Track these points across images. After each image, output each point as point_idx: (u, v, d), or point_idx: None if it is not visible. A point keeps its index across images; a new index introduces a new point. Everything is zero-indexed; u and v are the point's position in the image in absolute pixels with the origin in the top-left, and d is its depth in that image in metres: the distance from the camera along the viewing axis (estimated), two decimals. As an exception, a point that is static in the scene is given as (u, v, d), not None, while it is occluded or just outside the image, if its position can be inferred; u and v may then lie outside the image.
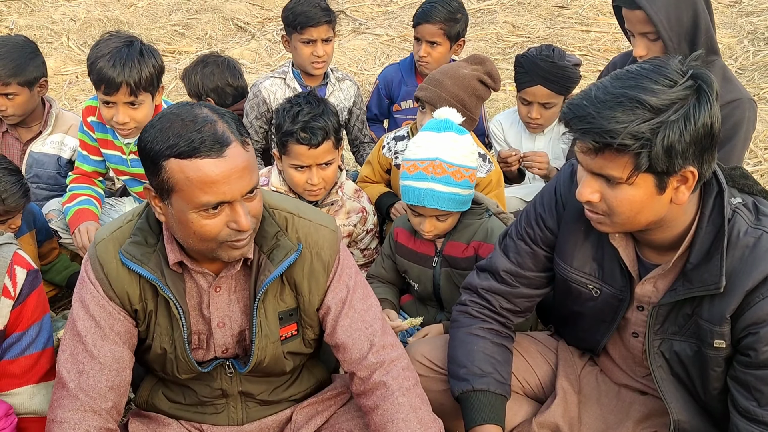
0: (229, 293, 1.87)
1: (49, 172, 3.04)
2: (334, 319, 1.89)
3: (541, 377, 2.11)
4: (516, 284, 2.01)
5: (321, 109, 2.46)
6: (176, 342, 1.86)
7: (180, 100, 3.40)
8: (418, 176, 2.28)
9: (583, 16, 5.93)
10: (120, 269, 1.80)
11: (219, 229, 1.67)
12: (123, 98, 2.57)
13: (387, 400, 1.83)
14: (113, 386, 1.82)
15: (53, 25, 6.01)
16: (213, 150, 1.60)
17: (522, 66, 2.96)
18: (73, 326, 1.84)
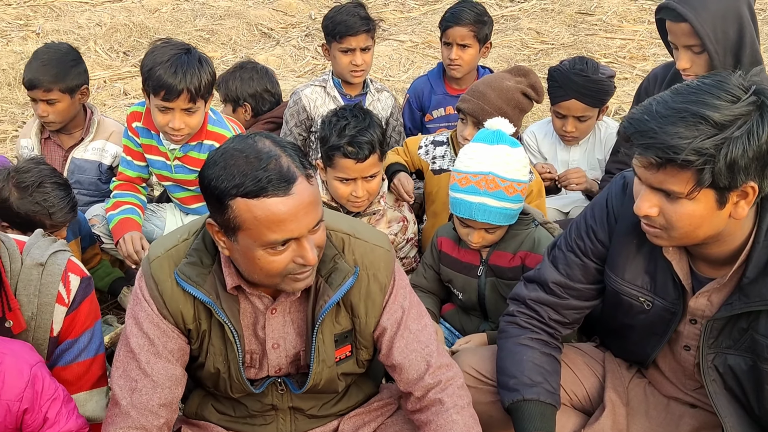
0: (284, 315, 1.87)
1: (90, 178, 3.06)
2: (390, 340, 1.89)
3: (589, 389, 2.11)
4: (565, 296, 2.01)
5: (367, 123, 2.47)
6: (230, 363, 1.86)
7: (220, 108, 3.41)
8: (470, 190, 2.28)
9: (607, 23, 5.93)
10: (175, 289, 1.80)
11: (285, 264, 1.67)
12: (182, 105, 2.58)
13: (441, 416, 1.84)
14: (165, 403, 1.82)
15: (79, 29, 6.05)
16: (280, 188, 1.58)
17: (555, 80, 2.96)
18: (127, 343, 1.84)
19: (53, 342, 1.91)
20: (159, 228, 2.93)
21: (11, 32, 5.98)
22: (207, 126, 2.77)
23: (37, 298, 1.86)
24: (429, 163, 2.94)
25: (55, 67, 2.93)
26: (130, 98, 5.09)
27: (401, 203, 2.78)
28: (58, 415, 1.82)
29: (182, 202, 2.97)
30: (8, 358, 1.77)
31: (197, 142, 2.78)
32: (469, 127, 2.73)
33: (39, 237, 1.95)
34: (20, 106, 5.00)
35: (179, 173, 2.84)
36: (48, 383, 1.81)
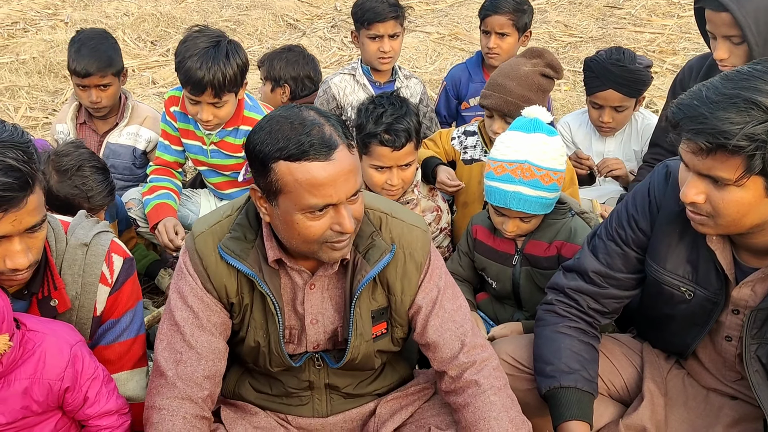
0: (322, 291, 1.89)
1: (125, 163, 3.09)
2: (425, 318, 1.90)
3: (627, 379, 2.10)
4: (605, 285, 2.00)
5: (404, 111, 2.46)
6: (270, 336, 1.89)
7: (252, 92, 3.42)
8: (506, 178, 2.27)
9: (636, 16, 5.88)
10: (219, 263, 1.83)
11: (323, 230, 1.69)
12: (208, 99, 2.62)
13: (479, 398, 1.84)
14: (209, 376, 1.85)
15: (107, 19, 6.10)
16: (321, 153, 1.62)
17: (592, 70, 2.93)
18: (171, 316, 1.87)
19: (96, 321, 1.93)
20: (194, 213, 2.95)
21: (40, 21, 6.04)
22: (243, 111, 2.79)
23: (81, 278, 1.88)
24: (460, 153, 2.93)
25: (105, 53, 2.98)
26: (159, 87, 5.13)
27: (435, 193, 2.78)
28: (98, 395, 1.84)
29: (216, 187, 2.99)
30: (49, 337, 1.80)
31: (233, 128, 2.80)
32: (496, 122, 2.73)
33: (83, 218, 1.97)
34: (50, 94, 5.05)
35: (215, 158, 2.86)
36: (88, 363, 1.84)
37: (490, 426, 1.81)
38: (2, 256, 1.65)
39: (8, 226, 1.61)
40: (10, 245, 1.64)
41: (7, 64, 5.28)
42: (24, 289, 1.83)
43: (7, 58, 5.37)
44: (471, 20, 5.90)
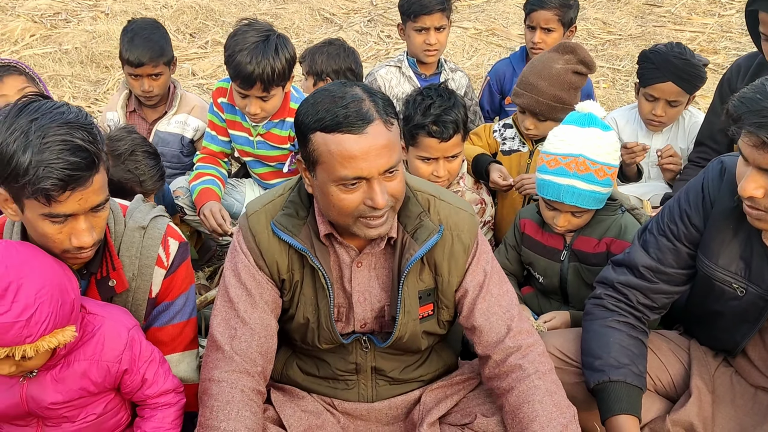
0: (369, 269, 1.92)
1: (173, 151, 3.14)
2: (471, 301, 1.92)
3: (674, 375, 2.09)
4: (655, 280, 2.00)
5: (452, 102, 2.48)
6: (321, 311, 1.92)
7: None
8: (559, 171, 2.26)
9: (675, 15, 5.82)
10: (271, 240, 1.87)
11: (356, 204, 1.72)
12: (256, 93, 2.66)
13: (523, 382, 1.85)
14: (262, 352, 1.89)
15: (146, 11, 6.17)
16: (355, 126, 1.66)
17: (651, 61, 2.91)
18: (225, 293, 1.91)
19: (151, 303, 1.97)
20: (239, 202, 2.99)
21: (81, 12, 6.13)
22: (289, 104, 2.82)
23: (138, 260, 1.92)
24: (500, 144, 2.94)
25: (157, 42, 3.03)
26: (198, 78, 5.19)
27: (480, 185, 2.78)
28: (155, 376, 1.89)
29: (261, 178, 3.03)
30: (107, 321, 1.84)
31: (280, 120, 2.83)
32: (528, 119, 2.73)
33: (140, 202, 2.02)
34: (92, 83, 5.13)
35: (261, 149, 2.90)
36: (145, 346, 1.88)
37: (533, 409, 1.81)
38: (68, 235, 1.70)
39: (75, 205, 1.65)
40: (76, 224, 1.69)
41: (51, 54, 5.37)
42: (83, 268, 1.87)
43: (50, 48, 5.47)
44: (508, 16, 5.88)
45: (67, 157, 1.60)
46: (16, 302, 1.59)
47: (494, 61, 5.36)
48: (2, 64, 2.62)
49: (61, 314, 1.66)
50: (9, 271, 1.61)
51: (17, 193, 1.65)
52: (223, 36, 5.82)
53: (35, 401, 1.80)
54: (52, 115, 1.63)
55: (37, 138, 1.59)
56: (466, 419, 1.98)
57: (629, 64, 5.14)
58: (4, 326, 1.58)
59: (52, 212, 1.64)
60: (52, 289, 1.65)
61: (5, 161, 1.60)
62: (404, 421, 2.06)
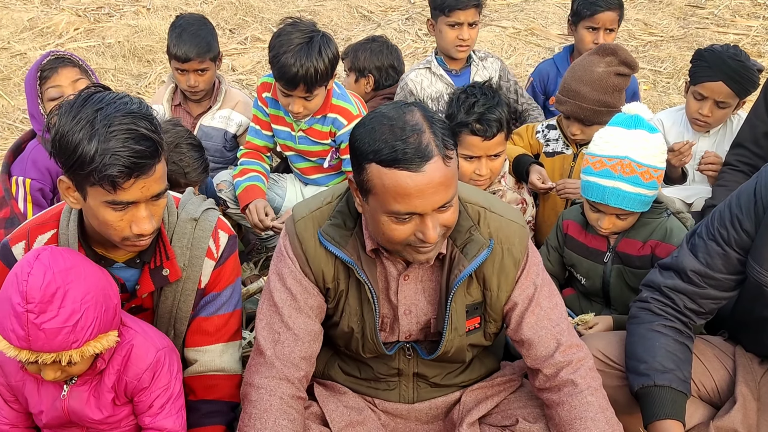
0: (416, 282, 1.91)
1: (216, 145, 3.18)
2: (520, 315, 1.90)
3: (718, 381, 2.07)
4: (703, 285, 1.98)
5: (496, 101, 2.47)
6: (365, 323, 1.91)
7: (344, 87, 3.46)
8: (604, 173, 2.25)
9: (719, 17, 5.72)
10: (317, 248, 1.86)
11: (406, 235, 1.70)
12: (300, 93, 2.68)
13: (575, 397, 1.84)
14: (305, 357, 1.89)
15: (187, 6, 6.24)
16: (413, 163, 1.61)
17: (705, 60, 2.87)
18: (270, 297, 1.92)
19: (199, 294, 2.01)
20: (280, 197, 3.02)
21: (124, 6, 6.23)
22: (331, 100, 2.85)
23: (189, 251, 1.96)
24: (543, 145, 2.93)
25: (204, 38, 3.07)
26: (238, 74, 5.24)
27: (522, 185, 2.78)
28: (162, 408, 1.87)
29: (302, 173, 3.05)
30: (139, 337, 1.86)
31: (321, 116, 2.86)
32: (573, 125, 2.72)
33: (192, 194, 2.05)
34: (134, 77, 5.22)
35: (302, 144, 2.92)
36: (166, 372, 1.87)
37: (586, 426, 1.80)
38: (128, 222, 1.74)
39: (137, 193, 1.70)
40: (137, 211, 1.73)
41: (94, 48, 5.47)
42: (137, 258, 1.91)
43: (93, 41, 5.57)
44: (547, 16, 5.84)
45: (132, 145, 1.64)
46: (63, 308, 1.61)
47: (533, 60, 5.34)
48: (57, 56, 2.67)
49: (105, 319, 1.69)
50: (56, 277, 1.62)
51: (81, 181, 1.69)
52: (263, 32, 5.88)
53: (77, 415, 1.84)
54: (116, 105, 1.68)
55: (103, 127, 1.63)
56: (507, 421, 1.98)
57: (671, 66, 5.08)
58: (52, 332, 1.61)
59: (116, 200, 1.68)
60: (96, 295, 1.68)
61: (71, 149, 1.65)
62: (444, 420, 2.07)
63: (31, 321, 1.59)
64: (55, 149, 1.70)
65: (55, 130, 1.68)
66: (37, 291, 1.60)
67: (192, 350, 2.04)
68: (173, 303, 1.98)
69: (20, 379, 1.84)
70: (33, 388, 1.83)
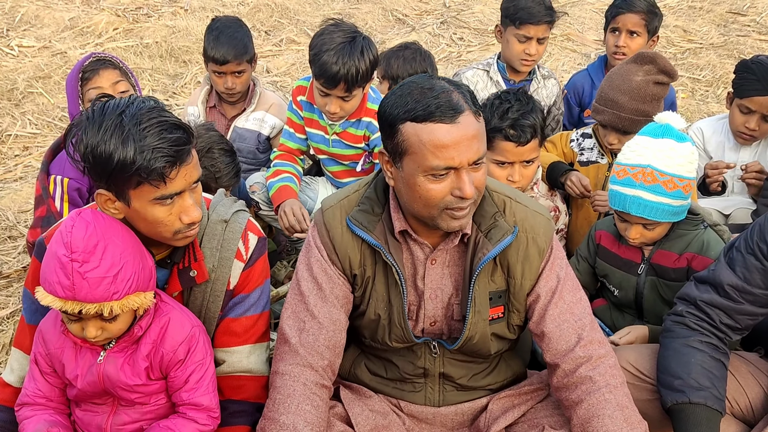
0: (443, 267, 1.92)
1: (249, 147, 3.21)
2: (543, 307, 1.89)
3: (752, 399, 2.03)
4: (740, 300, 1.93)
5: (530, 107, 2.46)
6: (393, 308, 1.92)
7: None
8: (627, 182, 2.22)
9: (761, 24, 5.60)
10: (345, 234, 1.89)
11: (444, 194, 1.73)
12: (339, 93, 2.68)
13: (593, 395, 1.81)
14: (329, 346, 1.90)
15: (223, 8, 6.32)
16: (447, 115, 1.67)
17: (753, 73, 2.81)
18: (297, 286, 1.95)
19: (228, 295, 2.02)
20: (312, 199, 3.03)
21: (162, 7, 6.32)
22: (366, 104, 2.84)
23: (218, 252, 1.97)
24: (577, 154, 2.89)
25: (241, 41, 3.10)
26: (273, 76, 5.28)
27: (554, 193, 2.74)
28: (198, 383, 1.90)
29: (334, 176, 3.06)
30: (176, 311, 1.91)
31: (356, 119, 2.86)
32: (610, 134, 2.69)
33: (222, 196, 2.07)
34: (171, 77, 5.29)
35: (336, 148, 2.93)
36: (201, 347, 1.91)
37: (603, 424, 1.77)
38: (177, 215, 1.78)
39: (182, 181, 1.74)
40: (183, 201, 1.77)
41: (132, 47, 5.56)
42: (167, 258, 1.93)
43: (132, 41, 5.65)
44: (584, 21, 5.78)
45: (168, 135, 1.69)
46: (104, 259, 1.69)
47: (568, 66, 5.29)
48: (98, 57, 2.72)
49: (143, 276, 1.77)
50: (97, 230, 1.71)
51: (123, 186, 1.72)
52: (298, 34, 5.92)
53: (110, 380, 1.87)
54: (136, 105, 1.72)
55: (134, 126, 1.67)
56: (533, 430, 1.96)
57: (710, 73, 4.98)
58: (95, 281, 1.68)
59: (164, 193, 1.73)
60: (134, 252, 1.76)
61: (106, 158, 1.68)
62: (470, 427, 2.05)
63: (75, 270, 1.67)
64: (89, 163, 1.73)
65: (83, 146, 1.71)
66: (81, 241, 1.68)
67: (220, 351, 2.05)
68: (202, 303, 2.00)
69: (60, 346, 1.90)
70: (71, 354, 1.89)
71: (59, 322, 1.90)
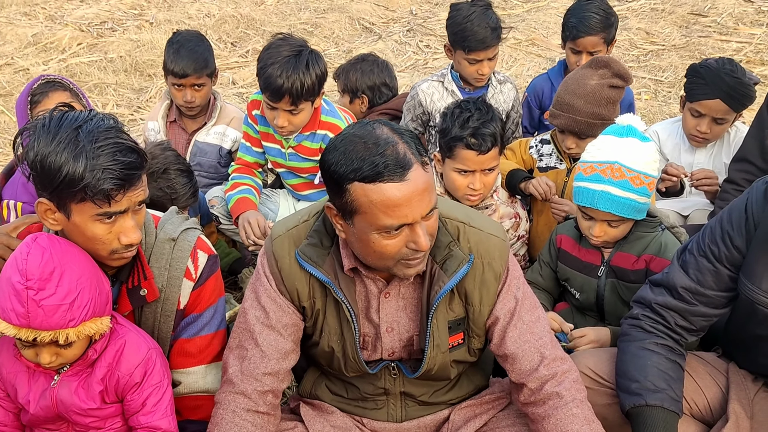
0: (397, 299, 1.89)
1: (210, 161, 3.18)
2: (503, 329, 1.88)
3: (710, 399, 2.03)
4: (694, 302, 1.94)
5: (490, 116, 2.47)
6: (346, 342, 1.90)
7: (334, 101, 3.45)
8: (594, 178, 2.23)
9: (722, 25, 5.67)
10: (293, 266, 1.86)
11: (398, 248, 1.70)
12: (284, 106, 2.67)
13: (561, 410, 1.81)
14: (271, 373, 1.88)
15: (189, 20, 6.28)
16: (396, 174, 1.62)
17: (702, 77, 2.84)
18: (244, 314, 1.92)
19: (179, 315, 1.99)
20: (273, 212, 3.01)
21: (126, 21, 6.27)
22: (320, 116, 2.84)
23: (167, 272, 1.94)
24: (537, 161, 2.90)
25: (202, 54, 3.08)
26: (238, 87, 5.25)
27: (515, 200, 2.75)
28: (156, 406, 1.88)
29: (294, 189, 3.04)
30: (132, 333, 1.88)
31: (310, 132, 2.84)
32: (568, 139, 2.70)
33: (173, 213, 2.04)
34: (135, 92, 5.23)
35: (293, 161, 2.91)
36: (158, 370, 1.88)
37: None
38: (116, 234, 1.76)
39: (127, 202, 1.73)
40: (124, 222, 1.75)
41: (96, 62, 5.50)
42: (114, 277, 1.90)
43: (96, 56, 5.60)
44: (548, 26, 5.81)
45: (122, 158, 1.67)
46: (60, 286, 1.66)
47: (533, 71, 5.31)
48: (48, 80, 2.68)
49: (99, 302, 1.74)
50: (53, 257, 1.68)
51: (66, 200, 1.70)
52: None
53: (64, 404, 1.84)
54: (95, 122, 1.70)
55: (89, 143, 1.65)
56: (495, 440, 1.95)
57: (672, 75, 5.03)
58: (50, 309, 1.65)
59: (107, 211, 1.71)
60: (90, 278, 1.73)
61: (55, 170, 1.65)
62: (432, 439, 2.04)
63: (30, 297, 1.64)
64: (36, 171, 1.70)
65: (34, 153, 1.68)
66: (36, 269, 1.65)
67: (176, 372, 2.02)
68: (154, 323, 1.97)
69: (13, 370, 1.87)
70: (24, 379, 1.86)
71: (12, 346, 1.86)
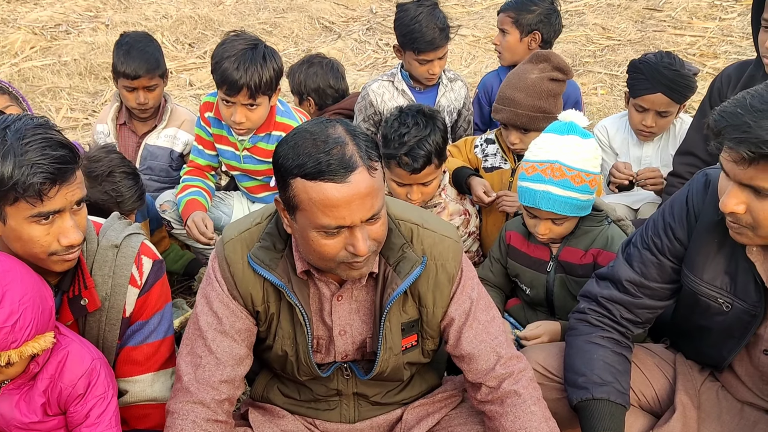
0: (350, 302, 1.88)
1: (162, 165, 3.13)
2: (458, 330, 1.88)
3: (658, 390, 2.05)
4: (639, 295, 1.96)
5: (428, 131, 2.44)
6: (299, 346, 1.88)
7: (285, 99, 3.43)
8: (536, 178, 2.25)
9: (676, 19, 5.76)
10: (246, 270, 1.82)
11: (337, 250, 1.67)
12: (242, 100, 2.63)
13: (519, 407, 1.82)
14: (227, 380, 1.84)
15: (146, 21, 6.20)
16: (338, 174, 1.58)
17: (642, 72, 2.88)
18: (196, 321, 1.88)
19: (125, 323, 1.95)
20: (226, 215, 2.98)
21: (82, 23, 6.17)
22: (275, 117, 2.80)
23: (111, 279, 1.90)
24: (482, 160, 2.91)
25: (153, 55, 3.03)
26: (196, 89, 5.19)
27: (464, 196, 2.75)
28: (99, 418, 1.83)
29: (249, 191, 3.01)
30: (75, 344, 1.83)
31: (266, 134, 2.81)
32: (512, 133, 2.71)
33: (115, 219, 2.00)
34: (90, 95, 5.15)
35: (248, 163, 2.88)
36: (102, 381, 1.84)
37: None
38: (55, 236, 1.71)
39: (62, 200, 1.68)
40: (63, 222, 1.70)
41: (50, 66, 5.40)
42: (56, 287, 1.85)
43: (49, 59, 5.49)
44: (507, 23, 5.84)
45: (51, 152, 1.63)
46: (1, 309, 1.62)
47: (492, 69, 5.34)
48: None
49: (42, 320, 1.70)
50: None
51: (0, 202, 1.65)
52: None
53: (4, 419, 1.79)
54: (23, 121, 1.67)
55: (16, 141, 1.62)
56: (448, 438, 1.95)
57: (628, 69, 5.10)
58: None
59: (42, 211, 1.66)
60: (33, 296, 1.68)
61: None
62: (386, 438, 2.03)
63: None
64: None
65: None
66: None
67: (122, 381, 1.98)
68: (98, 333, 1.93)
69: None
70: None
71: (-47, 363, 1.80)
